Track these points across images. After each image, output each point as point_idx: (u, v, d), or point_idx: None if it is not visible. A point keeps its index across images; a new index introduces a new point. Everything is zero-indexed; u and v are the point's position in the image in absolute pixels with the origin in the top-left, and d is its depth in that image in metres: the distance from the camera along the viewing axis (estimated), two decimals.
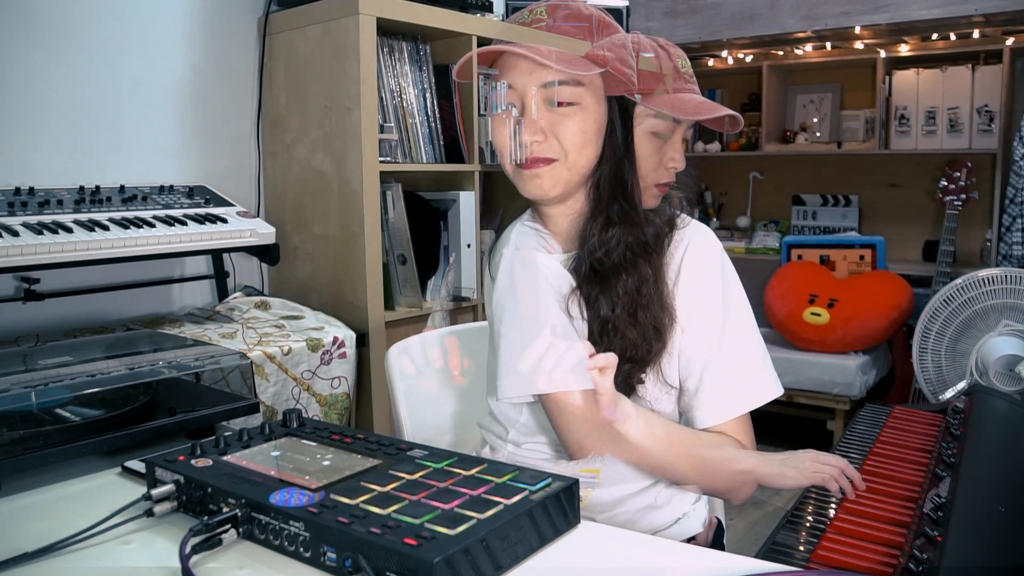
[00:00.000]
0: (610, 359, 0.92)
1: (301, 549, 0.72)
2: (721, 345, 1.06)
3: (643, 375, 1.06)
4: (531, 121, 1.03)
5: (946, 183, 3.33)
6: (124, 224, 1.55)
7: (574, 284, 1.07)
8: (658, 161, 1.13)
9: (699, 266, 1.07)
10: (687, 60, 1.20)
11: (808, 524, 0.91)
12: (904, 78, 3.60)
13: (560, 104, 1.02)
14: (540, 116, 1.03)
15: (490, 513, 0.71)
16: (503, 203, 2.47)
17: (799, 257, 3.56)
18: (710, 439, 1.06)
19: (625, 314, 1.03)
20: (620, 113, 1.05)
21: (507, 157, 1.07)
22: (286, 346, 1.67)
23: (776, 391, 1.09)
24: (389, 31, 2.08)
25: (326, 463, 0.86)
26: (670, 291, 1.06)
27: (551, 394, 1.01)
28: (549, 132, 1.03)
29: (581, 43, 1.04)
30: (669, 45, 1.21)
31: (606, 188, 1.05)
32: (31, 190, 1.58)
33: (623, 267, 1.04)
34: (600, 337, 1.05)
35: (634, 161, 1.06)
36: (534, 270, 1.07)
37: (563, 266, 1.09)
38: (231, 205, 1.83)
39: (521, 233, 1.14)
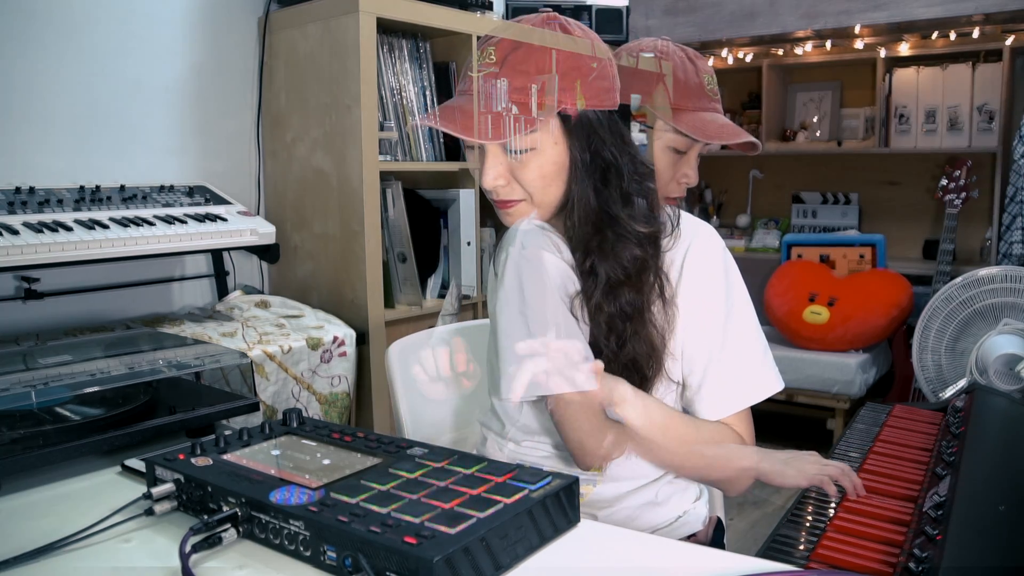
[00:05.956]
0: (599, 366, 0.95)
1: (301, 548, 0.72)
2: (724, 342, 1.06)
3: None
4: (490, 166, 1.04)
5: (946, 182, 3.33)
6: (124, 223, 1.55)
7: (579, 286, 1.07)
8: (672, 176, 1.13)
9: (702, 265, 1.07)
10: (714, 77, 1.19)
11: (808, 523, 0.91)
12: (904, 76, 3.60)
13: (515, 152, 1.03)
14: (499, 162, 1.04)
15: (490, 512, 0.71)
16: None
17: (799, 256, 3.56)
18: (708, 428, 1.06)
19: (615, 343, 1.03)
20: (587, 148, 1.03)
21: (484, 192, 1.10)
22: (286, 345, 1.67)
23: (777, 386, 1.09)
24: (389, 29, 2.08)
25: (326, 462, 0.86)
26: (672, 290, 1.06)
27: (553, 396, 1.01)
28: (511, 175, 1.05)
29: (582, 41, 1.04)
30: (698, 58, 1.20)
31: (577, 224, 1.05)
32: (31, 189, 1.58)
33: (605, 298, 1.03)
34: (608, 339, 1.05)
35: (608, 195, 1.03)
36: (540, 269, 1.07)
37: (570, 264, 1.08)
38: (231, 204, 1.83)
39: (528, 232, 1.14)
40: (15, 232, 1.42)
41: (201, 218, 1.69)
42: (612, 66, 1.06)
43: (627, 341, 1.03)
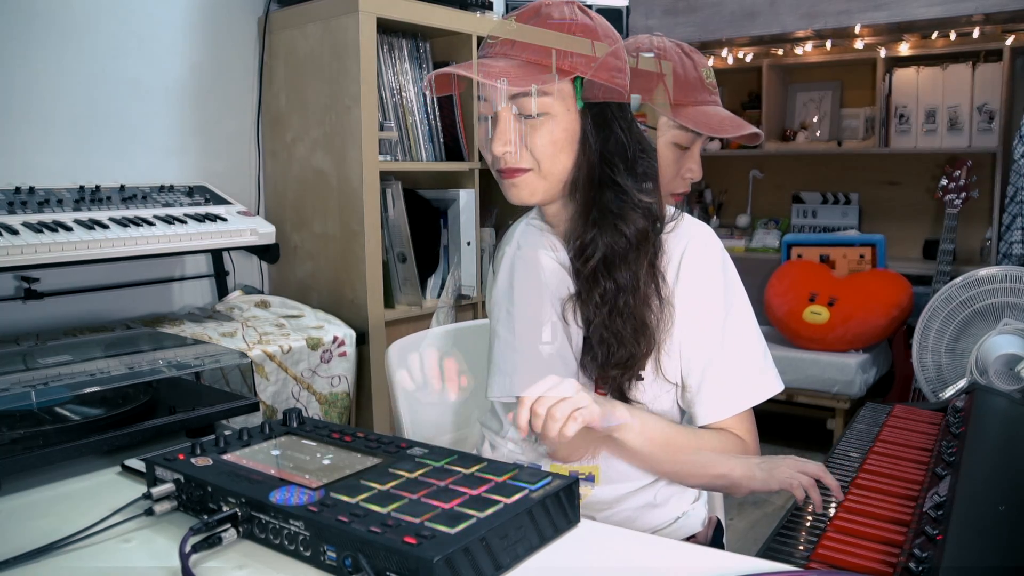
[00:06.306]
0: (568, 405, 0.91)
1: (301, 548, 0.72)
2: (722, 343, 1.06)
3: (631, 379, 1.06)
4: (501, 132, 1.04)
5: (946, 182, 3.33)
6: (124, 223, 1.55)
7: (573, 289, 1.06)
8: (676, 171, 1.13)
9: (699, 265, 1.07)
10: (711, 70, 1.19)
11: (808, 523, 0.90)
12: (904, 76, 3.60)
13: (529, 116, 1.03)
14: (510, 127, 1.03)
15: (490, 512, 0.71)
16: (501, 201, 2.47)
17: (799, 256, 3.56)
18: (708, 437, 1.06)
19: (603, 320, 1.03)
20: (597, 118, 1.04)
21: (491, 165, 1.09)
22: (286, 345, 1.67)
23: (776, 387, 1.09)
24: (389, 29, 2.08)
25: (326, 462, 0.86)
26: (669, 290, 1.06)
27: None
28: (521, 143, 1.04)
29: (580, 40, 1.04)
30: (693, 52, 1.21)
31: (581, 194, 1.05)
32: (31, 189, 1.58)
33: (602, 272, 1.03)
34: (599, 315, 1.05)
35: (614, 164, 1.04)
36: (534, 271, 1.07)
37: (565, 267, 1.08)
38: (231, 204, 1.83)
39: (525, 232, 1.14)
40: (15, 232, 1.42)
41: (201, 218, 1.69)
42: (623, 50, 1.07)
43: (617, 317, 1.03)
